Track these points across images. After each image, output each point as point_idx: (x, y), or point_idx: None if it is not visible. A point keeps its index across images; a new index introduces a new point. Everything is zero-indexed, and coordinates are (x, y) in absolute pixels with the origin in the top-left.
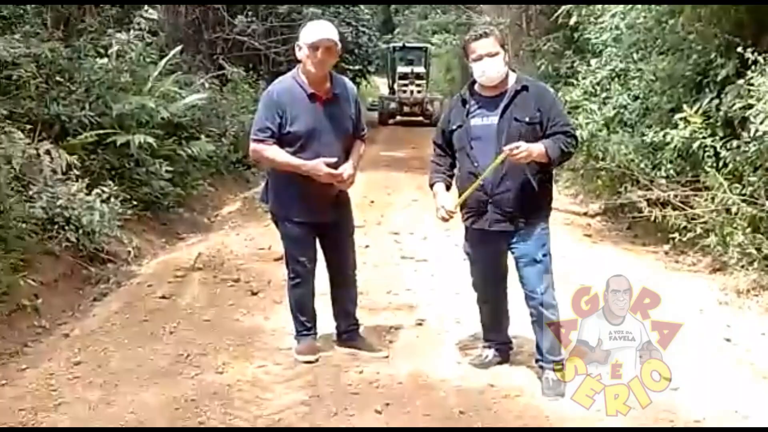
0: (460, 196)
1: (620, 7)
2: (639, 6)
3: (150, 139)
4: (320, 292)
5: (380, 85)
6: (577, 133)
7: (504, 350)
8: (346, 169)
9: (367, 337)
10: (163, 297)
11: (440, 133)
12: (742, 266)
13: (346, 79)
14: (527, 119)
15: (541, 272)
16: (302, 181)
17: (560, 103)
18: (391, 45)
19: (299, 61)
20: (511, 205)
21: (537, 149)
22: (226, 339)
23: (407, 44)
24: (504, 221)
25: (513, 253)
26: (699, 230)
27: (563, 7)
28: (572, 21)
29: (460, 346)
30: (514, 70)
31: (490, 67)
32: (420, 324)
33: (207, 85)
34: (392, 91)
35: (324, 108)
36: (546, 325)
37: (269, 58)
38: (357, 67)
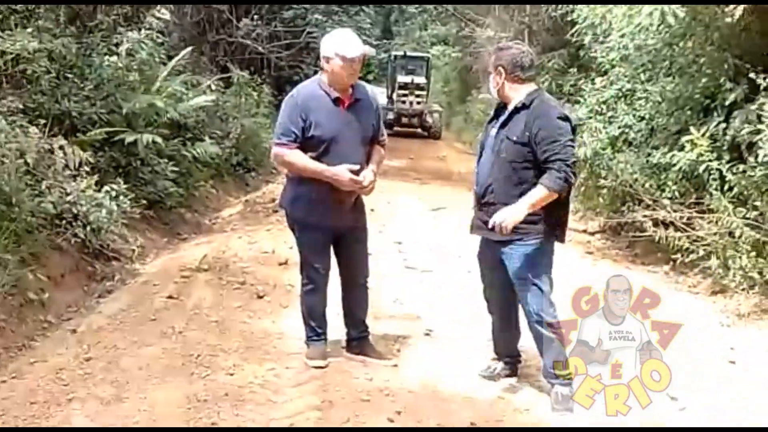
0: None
1: (629, 28)
2: (649, 27)
3: (158, 139)
4: (331, 297)
5: (377, 93)
6: (581, 151)
7: (512, 363)
8: (366, 175)
9: (375, 346)
10: (170, 297)
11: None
12: (743, 289)
13: (368, 85)
14: (515, 138)
15: (535, 293)
16: (323, 186)
17: (555, 128)
18: (392, 54)
19: (311, 66)
20: (492, 215)
21: (520, 210)
22: (234, 341)
23: (409, 53)
24: (486, 230)
25: (507, 269)
26: (701, 252)
27: (576, 27)
28: (586, 40)
29: (468, 358)
30: (538, 86)
31: (489, 84)
32: (428, 334)
33: (213, 87)
34: (391, 101)
35: (347, 113)
36: (546, 343)
37: (272, 62)
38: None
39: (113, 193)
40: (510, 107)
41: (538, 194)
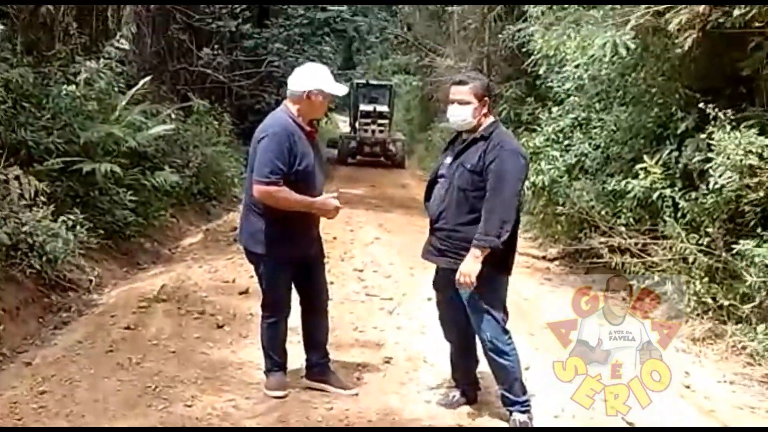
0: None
1: (584, 59)
2: (602, 58)
3: (116, 168)
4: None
5: (339, 122)
6: (538, 179)
7: (471, 390)
8: (335, 200)
9: (335, 373)
10: (128, 327)
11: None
12: (698, 315)
13: None
14: (469, 166)
15: (488, 321)
16: (297, 219)
17: (509, 161)
18: (355, 81)
19: (272, 95)
20: (442, 241)
21: (470, 259)
22: (193, 371)
23: (371, 82)
24: (436, 255)
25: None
26: (657, 278)
27: (532, 58)
28: (542, 70)
29: (428, 386)
30: (495, 119)
31: (456, 113)
32: (388, 362)
33: (173, 116)
34: (353, 129)
35: (312, 144)
36: (500, 371)
37: (233, 91)
38: None
39: (70, 223)
40: (468, 137)
41: (477, 253)
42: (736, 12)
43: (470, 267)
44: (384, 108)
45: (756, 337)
